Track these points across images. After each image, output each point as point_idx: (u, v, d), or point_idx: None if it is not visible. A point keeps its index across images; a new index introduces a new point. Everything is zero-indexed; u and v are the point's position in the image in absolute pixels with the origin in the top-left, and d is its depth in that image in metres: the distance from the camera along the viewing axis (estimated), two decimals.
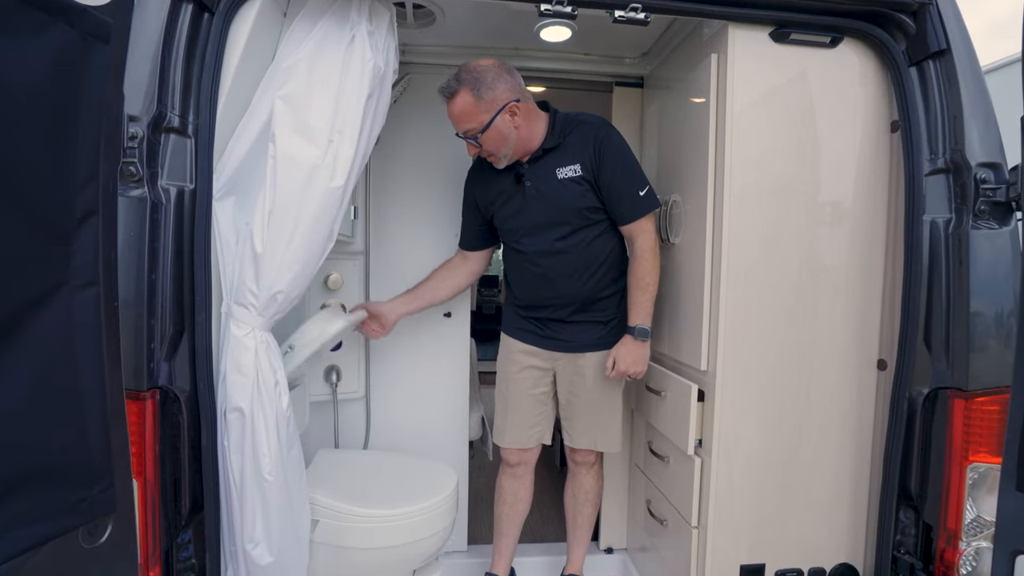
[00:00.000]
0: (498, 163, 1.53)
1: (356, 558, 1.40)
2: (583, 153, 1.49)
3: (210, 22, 1.11)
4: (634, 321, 1.51)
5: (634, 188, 1.50)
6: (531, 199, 1.54)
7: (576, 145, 1.51)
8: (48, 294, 0.71)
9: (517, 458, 1.73)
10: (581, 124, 1.53)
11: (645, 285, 1.50)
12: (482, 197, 1.65)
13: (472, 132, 1.45)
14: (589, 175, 1.50)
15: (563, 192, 1.51)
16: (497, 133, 1.45)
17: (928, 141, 1.30)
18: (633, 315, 1.52)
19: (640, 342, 1.51)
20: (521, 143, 1.50)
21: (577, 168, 1.50)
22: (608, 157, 1.49)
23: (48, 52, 0.69)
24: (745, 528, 1.42)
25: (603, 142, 1.49)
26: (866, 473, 1.45)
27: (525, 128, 1.48)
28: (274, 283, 1.16)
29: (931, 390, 1.29)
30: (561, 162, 1.51)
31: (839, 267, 1.41)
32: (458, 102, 1.44)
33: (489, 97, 1.42)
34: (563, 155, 1.51)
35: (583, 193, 1.51)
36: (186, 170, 1.08)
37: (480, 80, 1.42)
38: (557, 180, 1.51)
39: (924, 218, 1.29)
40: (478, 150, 1.51)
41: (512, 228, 1.62)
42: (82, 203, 0.76)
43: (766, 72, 1.37)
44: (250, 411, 1.14)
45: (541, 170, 1.53)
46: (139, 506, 1.03)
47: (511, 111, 1.44)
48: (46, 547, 0.68)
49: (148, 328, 1.02)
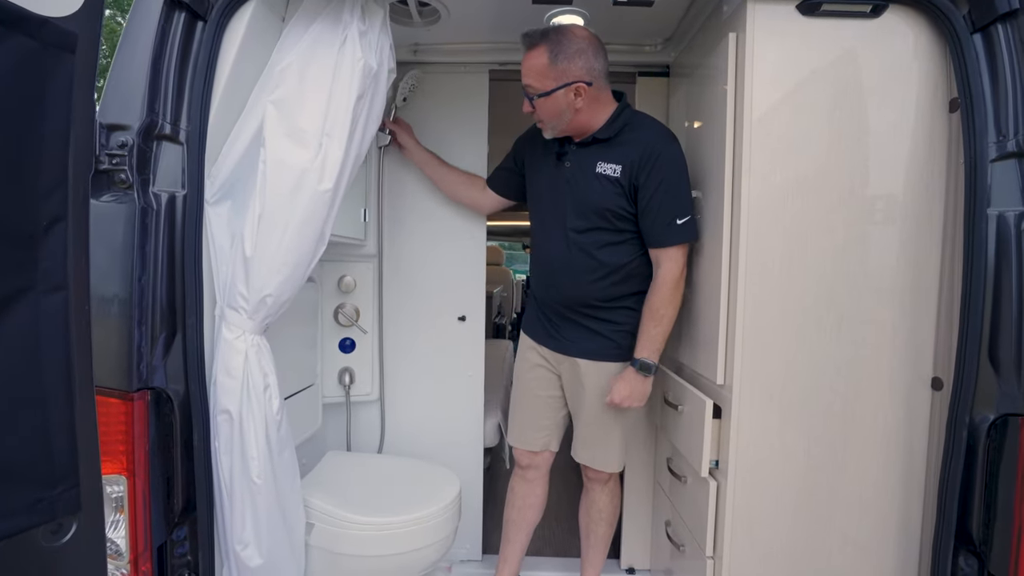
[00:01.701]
0: (545, 132, 1.49)
1: (352, 564, 1.38)
2: (629, 156, 1.41)
3: (203, 30, 1.14)
4: (639, 353, 1.42)
5: (673, 213, 1.39)
6: (564, 181, 1.50)
7: (627, 146, 1.42)
8: (11, 297, 0.73)
9: (527, 460, 1.68)
10: (642, 129, 1.45)
11: (659, 317, 1.40)
12: (528, 156, 1.64)
13: (532, 91, 1.41)
14: (626, 180, 1.41)
15: (595, 186, 1.44)
16: (554, 104, 1.39)
17: (995, 121, 1.10)
18: (640, 347, 1.43)
19: (641, 377, 1.42)
20: (576, 124, 1.44)
21: (617, 169, 1.41)
22: (656, 172, 1.38)
23: (8, 63, 0.70)
24: (770, 563, 1.27)
25: (655, 155, 1.38)
26: (917, 510, 1.25)
27: (585, 112, 1.42)
28: (263, 286, 1.17)
29: (998, 416, 1.09)
30: (606, 157, 1.43)
31: (884, 271, 1.22)
32: (532, 57, 1.38)
33: (562, 67, 1.36)
34: (610, 151, 1.44)
35: (614, 195, 1.42)
36: (178, 176, 1.11)
37: (561, 46, 1.36)
38: (594, 172, 1.44)
39: (989, 212, 1.09)
40: (531, 111, 1.46)
41: (538, 204, 1.60)
42: (48, 209, 0.77)
43: (794, 51, 1.21)
44: (239, 414, 1.15)
45: (585, 157, 1.47)
46: (129, 503, 1.06)
47: (576, 91, 1.37)
48: (2, 545, 0.70)
49: (138, 331, 1.05)
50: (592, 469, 1.61)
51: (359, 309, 1.89)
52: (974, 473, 1.12)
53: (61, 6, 0.76)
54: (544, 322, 1.61)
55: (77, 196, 0.81)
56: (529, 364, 1.65)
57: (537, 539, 2.22)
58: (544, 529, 2.31)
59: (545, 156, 1.56)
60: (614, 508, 1.69)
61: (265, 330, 1.22)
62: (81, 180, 0.82)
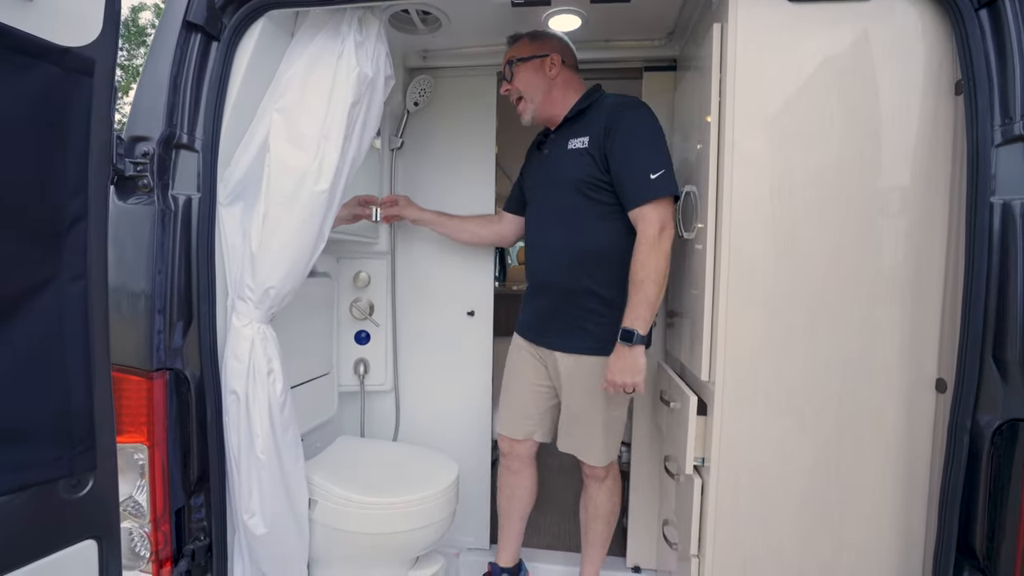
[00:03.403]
0: (524, 116, 1.57)
1: (351, 540, 1.48)
2: (596, 126, 1.43)
3: (216, 49, 1.26)
4: (625, 322, 1.35)
5: (645, 168, 1.35)
6: (543, 167, 1.57)
7: (592, 118, 1.47)
8: (42, 284, 0.86)
9: (508, 448, 1.69)
10: (606, 99, 1.49)
11: (638, 282, 1.33)
12: (524, 167, 1.73)
13: (511, 58, 1.55)
14: (595, 150, 1.42)
15: (566, 161, 1.48)
16: (530, 73, 1.52)
17: (1002, 103, 1.03)
18: (624, 317, 1.36)
19: (627, 348, 1.33)
20: (548, 103, 1.54)
21: (585, 140, 1.45)
22: (622, 132, 1.37)
23: (35, 87, 0.83)
24: (756, 564, 1.24)
25: (619, 118, 1.39)
26: (920, 518, 1.18)
27: (558, 88, 1.53)
28: (267, 279, 1.28)
29: (1004, 421, 1.02)
30: (575, 133, 1.49)
31: (882, 267, 1.17)
32: (514, 47, 1.58)
33: (539, 43, 1.55)
34: (578, 127, 1.50)
35: (585, 165, 1.43)
36: (193, 181, 1.24)
37: (540, 35, 1.57)
38: (567, 150, 1.50)
39: (994, 200, 1.02)
40: (509, 87, 1.56)
41: (528, 197, 1.66)
42: (72, 210, 0.90)
43: (782, 39, 1.18)
44: (244, 394, 1.27)
45: (559, 140, 1.54)
46: (149, 470, 1.20)
47: (552, 61, 1.52)
48: (29, 492, 0.83)
49: (158, 318, 1.19)
50: (586, 464, 1.61)
51: (373, 304, 2.00)
52: (977, 483, 1.05)
53: (80, 36, 0.89)
54: (531, 315, 1.63)
55: (96, 199, 0.94)
56: (518, 350, 1.68)
57: (548, 535, 2.26)
58: (556, 526, 2.34)
59: (532, 154, 1.67)
60: (612, 506, 1.68)
61: (271, 319, 1.34)
62: (99, 185, 0.95)
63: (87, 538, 0.91)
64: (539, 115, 1.56)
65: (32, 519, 0.84)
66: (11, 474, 0.81)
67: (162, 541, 1.22)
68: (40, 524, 0.85)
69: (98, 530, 0.93)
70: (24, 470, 0.82)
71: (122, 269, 1.17)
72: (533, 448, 1.70)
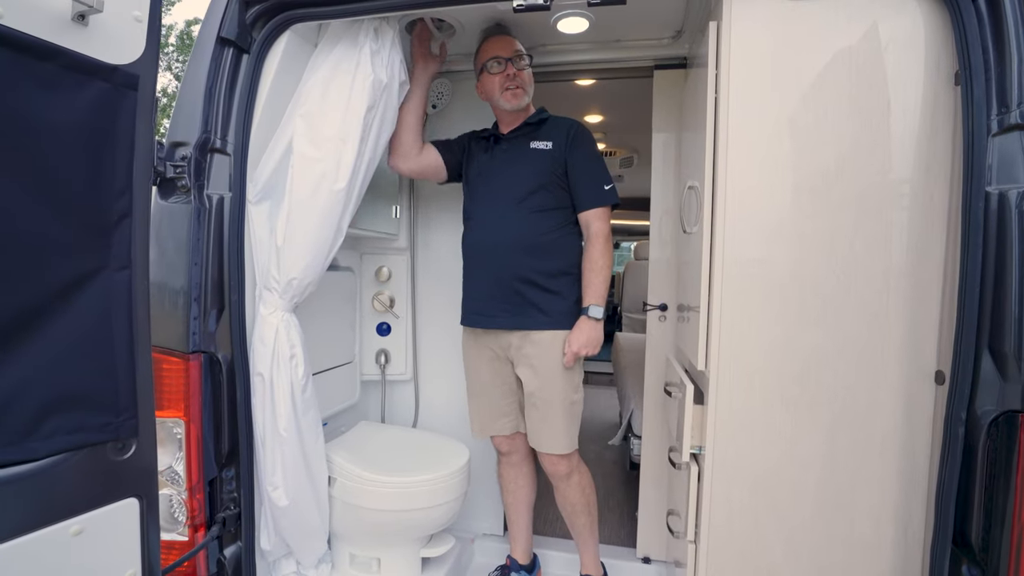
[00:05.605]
0: (519, 100, 1.64)
1: (367, 517, 1.58)
2: (557, 136, 1.65)
3: (246, 61, 1.39)
4: (588, 301, 1.57)
5: (599, 179, 1.62)
6: (501, 161, 1.68)
7: (552, 130, 1.68)
8: (93, 273, 0.99)
9: (506, 446, 1.77)
10: (559, 118, 1.71)
11: (599, 268, 1.57)
12: (469, 150, 1.78)
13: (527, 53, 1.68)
14: (558, 153, 1.63)
15: (531, 156, 1.64)
16: (529, 72, 1.69)
17: (1000, 92, 1.02)
18: (587, 296, 1.57)
19: (593, 322, 1.55)
20: (527, 106, 1.70)
21: (549, 144, 1.65)
22: (581, 147, 1.63)
23: (88, 100, 0.96)
24: (752, 554, 1.26)
25: (577, 135, 1.64)
26: (920, 510, 1.17)
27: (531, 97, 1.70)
28: (289, 270, 1.39)
29: (1000, 413, 1.01)
30: (536, 137, 1.67)
31: (879, 258, 1.17)
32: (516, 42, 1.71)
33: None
34: (539, 132, 1.68)
35: (549, 161, 1.63)
36: (225, 181, 1.36)
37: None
38: (529, 148, 1.66)
39: (990, 190, 1.01)
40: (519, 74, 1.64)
41: (475, 187, 1.72)
42: (118, 208, 1.03)
43: (778, 34, 1.20)
44: (269, 376, 1.38)
45: (518, 140, 1.69)
46: (186, 443, 1.34)
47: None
48: (83, 452, 0.96)
49: (194, 306, 1.31)
50: (546, 461, 1.64)
51: (394, 297, 2.11)
52: (973, 474, 1.04)
53: (127, 55, 1.01)
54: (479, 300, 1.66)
55: (139, 198, 1.07)
56: (476, 349, 1.72)
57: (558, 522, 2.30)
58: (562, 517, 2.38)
59: (481, 149, 1.74)
60: (586, 498, 1.70)
61: (295, 308, 1.45)
62: (143, 185, 1.07)
63: (130, 496, 1.04)
64: (520, 110, 1.68)
65: (87, 475, 0.97)
66: (71, 435, 0.94)
67: (197, 508, 1.35)
68: (93, 480, 0.98)
69: (140, 490, 1.05)
70: (81, 432, 0.95)
71: (163, 262, 1.30)
72: (526, 439, 1.75)
